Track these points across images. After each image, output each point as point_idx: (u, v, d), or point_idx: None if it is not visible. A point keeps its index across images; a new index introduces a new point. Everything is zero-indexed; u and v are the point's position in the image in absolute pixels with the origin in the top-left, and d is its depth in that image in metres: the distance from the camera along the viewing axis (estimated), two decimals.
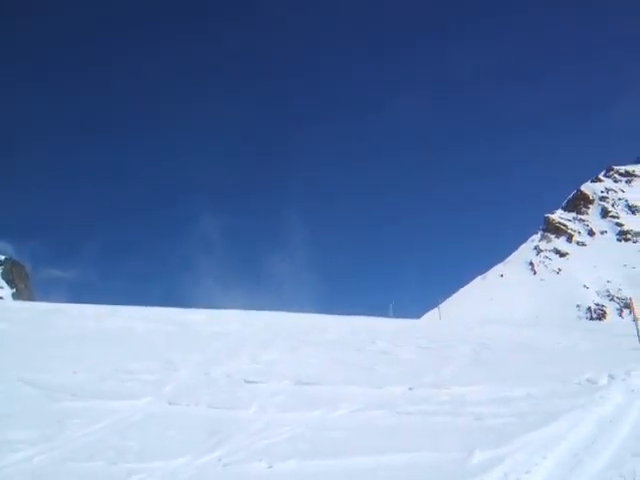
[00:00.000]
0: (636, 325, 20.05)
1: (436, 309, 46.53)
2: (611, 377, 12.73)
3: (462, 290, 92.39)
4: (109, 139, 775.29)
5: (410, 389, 11.61)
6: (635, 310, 22.02)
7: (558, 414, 9.27)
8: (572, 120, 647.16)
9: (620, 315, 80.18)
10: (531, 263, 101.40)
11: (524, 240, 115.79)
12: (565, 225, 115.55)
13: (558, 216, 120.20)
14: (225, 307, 33.00)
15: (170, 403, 10.44)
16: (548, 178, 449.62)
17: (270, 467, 7.09)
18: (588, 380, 12.49)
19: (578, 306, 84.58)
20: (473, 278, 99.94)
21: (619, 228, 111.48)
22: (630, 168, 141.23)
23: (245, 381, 12.30)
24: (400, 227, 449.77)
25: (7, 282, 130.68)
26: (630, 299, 23.71)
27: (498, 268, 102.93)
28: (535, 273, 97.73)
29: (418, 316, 59.72)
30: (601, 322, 66.41)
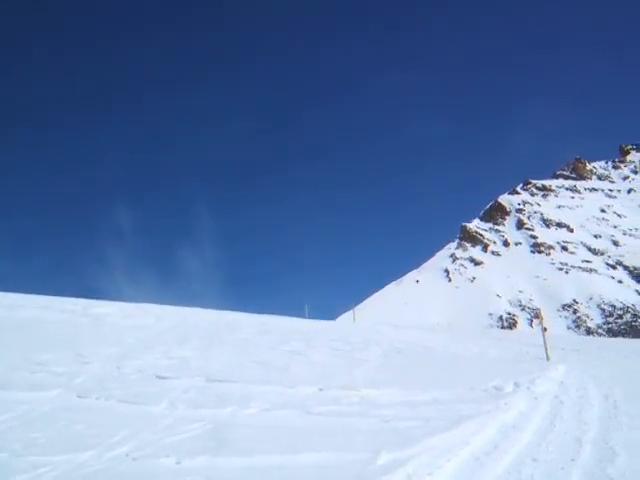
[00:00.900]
0: (544, 335, 20.58)
1: (351, 312, 46.90)
2: (516, 385, 13.09)
3: (377, 294, 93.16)
4: (24, 133, 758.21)
5: (321, 390, 11.72)
6: (543, 321, 22.63)
7: (463, 419, 9.51)
8: (494, 134, 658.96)
9: (530, 325, 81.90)
10: (446, 270, 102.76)
11: (441, 248, 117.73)
12: (481, 235, 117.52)
13: (475, 225, 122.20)
14: (137, 301, 32.65)
15: (79, 396, 10.32)
16: (467, 188, 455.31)
17: (178, 463, 7.11)
18: (494, 387, 12.80)
19: (490, 314, 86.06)
20: (389, 283, 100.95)
21: (533, 240, 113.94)
22: (547, 183, 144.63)
23: (157, 376, 12.22)
24: (319, 229, 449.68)
25: None
26: (539, 310, 24.32)
27: (414, 274, 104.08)
28: (450, 280, 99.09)
29: (333, 318, 60.08)
30: (512, 331, 67.76)
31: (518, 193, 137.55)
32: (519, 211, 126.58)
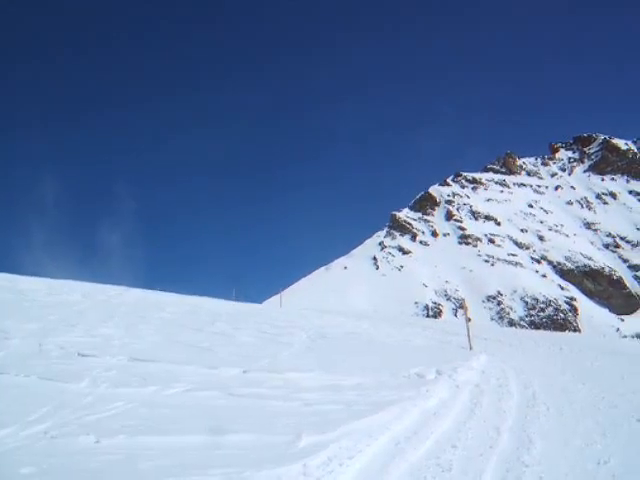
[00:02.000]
0: (467, 325, 20.87)
1: (278, 296, 46.86)
2: (438, 372, 13.25)
3: (305, 279, 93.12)
4: None
5: (245, 372, 11.70)
6: (468, 311, 22.96)
7: (384, 405, 9.59)
8: (429, 127, 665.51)
9: (455, 315, 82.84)
10: (375, 258, 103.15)
11: (370, 236, 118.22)
12: (410, 224, 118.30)
13: (404, 215, 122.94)
14: (61, 277, 32.14)
15: None
16: (399, 178, 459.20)
17: (97, 442, 7.01)
18: (417, 374, 12.95)
19: (416, 303, 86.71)
20: (317, 269, 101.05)
21: (461, 232, 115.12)
22: (477, 176, 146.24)
23: (79, 354, 12.03)
24: (250, 211, 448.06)
25: None
26: (464, 300, 24.67)
27: (342, 260, 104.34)
28: (378, 268, 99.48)
29: (261, 302, 60.00)
30: (436, 320, 68.40)
31: (448, 185, 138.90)
32: (449, 202, 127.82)
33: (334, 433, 7.79)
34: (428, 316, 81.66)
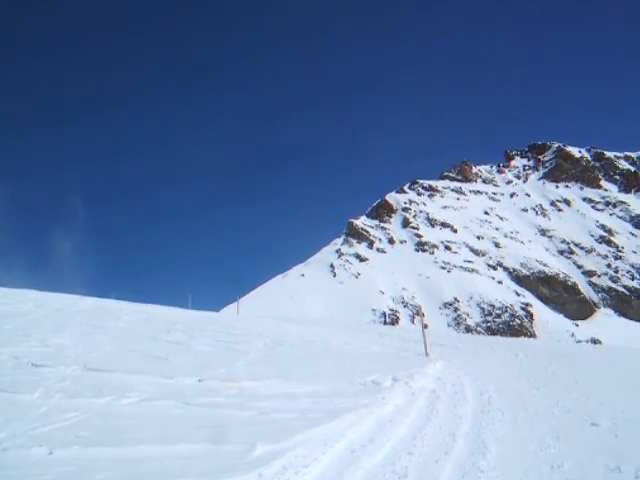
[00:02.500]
0: (423, 332, 20.96)
1: (235, 303, 46.73)
2: (395, 379, 13.29)
3: (262, 287, 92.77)
4: None
5: (200, 381, 11.65)
6: (424, 318, 23.08)
7: (340, 412, 9.59)
8: (385, 135, 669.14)
9: (412, 321, 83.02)
10: (332, 265, 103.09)
11: (327, 243, 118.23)
12: (367, 231, 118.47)
13: (362, 222, 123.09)
14: (9, 287, 31.72)
15: None
16: (357, 186, 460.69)
17: (50, 453, 6.94)
18: (373, 381, 12.98)
19: (374, 310, 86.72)
20: (274, 276, 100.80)
21: (418, 239, 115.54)
22: (433, 183, 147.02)
23: (32, 364, 11.91)
24: (206, 219, 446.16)
25: None
26: (420, 307, 24.76)
27: (299, 268, 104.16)
28: (335, 275, 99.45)
29: (217, 309, 59.75)
30: (394, 327, 68.60)
31: (405, 192, 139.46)
32: (405, 210, 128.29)
33: (289, 441, 7.77)
34: (385, 323, 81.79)
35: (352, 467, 7.61)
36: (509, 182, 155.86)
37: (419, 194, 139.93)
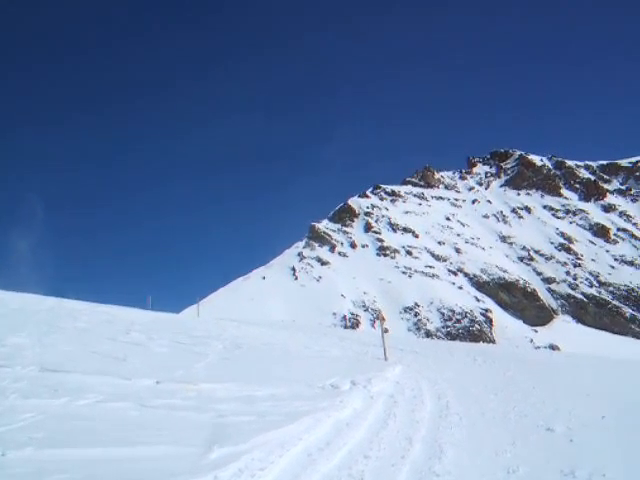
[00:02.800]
0: (382, 336, 21.02)
1: (195, 305, 46.57)
2: (353, 383, 13.32)
3: (223, 289, 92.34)
4: None
5: (158, 383, 11.57)
6: (384, 322, 23.14)
7: (298, 415, 9.59)
8: (348, 139, 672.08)
9: (373, 326, 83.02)
10: (293, 268, 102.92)
11: (289, 246, 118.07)
12: (329, 235, 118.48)
13: (324, 226, 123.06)
14: None
15: None
16: (320, 190, 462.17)
17: (3, 455, 6.84)
18: (331, 385, 12.99)
19: (334, 314, 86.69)
20: (235, 278, 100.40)
21: (379, 243, 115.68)
22: (396, 188, 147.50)
23: None
24: (169, 220, 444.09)
25: None
26: (380, 311, 24.81)
27: (261, 271, 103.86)
28: (296, 279, 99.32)
29: (177, 311, 59.42)
30: (354, 331, 68.66)
31: (367, 197, 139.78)
32: (367, 214, 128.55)
33: (246, 444, 7.75)
34: (346, 327, 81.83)
35: (308, 470, 7.61)
36: (471, 188, 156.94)
37: (381, 199, 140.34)
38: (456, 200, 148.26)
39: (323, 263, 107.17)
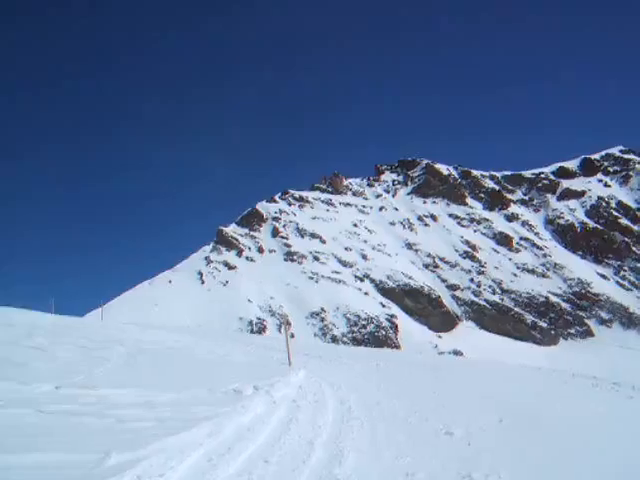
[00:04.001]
0: (287, 341, 21.07)
1: (99, 309, 45.91)
2: (256, 388, 13.29)
3: (128, 293, 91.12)
4: None
5: (57, 388, 11.35)
6: (290, 327, 23.22)
7: (199, 421, 9.50)
8: (259, 145, 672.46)
9: (279, 330, 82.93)
10: (200, 273, 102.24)
11: (196, 250, 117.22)
12: (237, 239, 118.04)
13: (231, 230, 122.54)
14: None
15: None
16: (229, 194, 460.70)
17: None
18: (234, 390, 12.93)
19: (241, 318, 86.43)
20: (141, 282, 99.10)
21: (287, 249, 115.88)
22: (304, 194, 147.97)
23: None
24: (74, 223, 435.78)
25: None
26: (286, 316, 24.88)
27: (167, 274, 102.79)
28: (203, 283, 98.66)
29: (82, 315, 58.39)
30: (260, 336, 68.58)
31: (276, 202, 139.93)
32: (275, 219, 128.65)
33: (146, 450, 7.62)
34: (252, 332, 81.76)
35: (208, 476, 7.57)
36: (378, 196, 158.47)
37: (290, 204, 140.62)
38: (363, 207, 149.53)
39: (230, 267, 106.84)
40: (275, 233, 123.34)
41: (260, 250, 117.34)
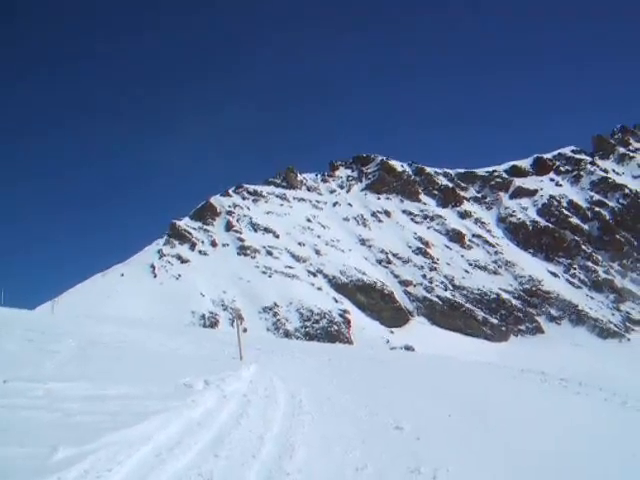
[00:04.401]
0: (239, 336, 21.03)
1: (50, 302, 45.44)
2: (207, 383, 13.24)
3: (80, 285, 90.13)
4: None
5: (5, 382, 11.17)
6: (243, 322, 23.17)
7: (149, 415, 9.44)
8: (213, 139, 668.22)
9: (231, 325, 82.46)
10: (153, 266, 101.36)
11: (149, 243, 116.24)
12: (190, 233, 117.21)
13: (185, 224, 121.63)
14: None
15: None
16: (183, 187, 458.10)
17: None
18: (185, 384, 12.86)
19: (193, 312, 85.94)
20: (93, 275, 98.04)
21: (240, 243, 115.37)
22: (258, 188, 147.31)
23: None
24: (21, 215, 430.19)
25: None
26: (239, 310, 24.82)
27: (119, 267, 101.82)
28: (156, 276, 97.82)
29: (32, 307, 57.64)
30: (213, 330, 68.28)
31: (230, 195, 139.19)
32: (229, 213, 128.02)
33: (94, 444, 7.54)
34: (205, 326, 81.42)
35: (157, 471, 7.52)
36: (333, 191, 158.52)
37: (244, 198, 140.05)
38: (317, 202, 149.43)
39: (183, 261, 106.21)
40: (229, 227, 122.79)
41: (213, 244, 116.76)
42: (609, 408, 17.53)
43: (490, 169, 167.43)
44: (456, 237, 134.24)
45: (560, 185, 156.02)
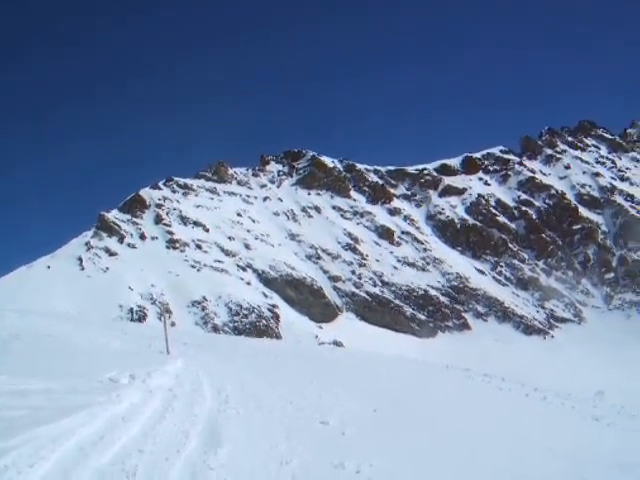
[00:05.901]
0: (165, 330, 20.97)
1: None
2: (132, 377, 13.20)
3: (4, 278, 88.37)
4: None
5: None
6: (170, 316, 23.11)
7: (73, 410, 9.38)
8: (146, 131, 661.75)
9: (160, 319, 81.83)
10: (80, 259, 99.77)
11: (77, 235, 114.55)
12: (119, 225, 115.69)
13: (113, 216, 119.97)
14: None
15: None
16: (112, 180, 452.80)
17: None
18: (110, 379, 12.80)
19: (121, 306, 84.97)
20: (18, 267, 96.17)
21: (169, 236, 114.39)
22: (189, 181, 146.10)
23: None
24: None
25: None
26: (166, 305, 24.71)
27: (46, 260, 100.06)
28: (83, 269, 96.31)
29: None
30: (140, 324, 67.70)
31: (160, 188, 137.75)
32: (159, 206, 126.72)
33: (15, 440, 7.44)
34: (132, 320, 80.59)
35: (80, 466, 7.47)
36: (263, 186, 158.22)
37: (174, 191, 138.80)
38: (248, 197, 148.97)
39: (111, 254, 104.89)
40: (158, 220, 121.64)
41: (142, 237, 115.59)
42: (529, 403, 17.98)
43: (420, 167, 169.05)
44: (385, 234, 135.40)
45: (488, 184, 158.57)
